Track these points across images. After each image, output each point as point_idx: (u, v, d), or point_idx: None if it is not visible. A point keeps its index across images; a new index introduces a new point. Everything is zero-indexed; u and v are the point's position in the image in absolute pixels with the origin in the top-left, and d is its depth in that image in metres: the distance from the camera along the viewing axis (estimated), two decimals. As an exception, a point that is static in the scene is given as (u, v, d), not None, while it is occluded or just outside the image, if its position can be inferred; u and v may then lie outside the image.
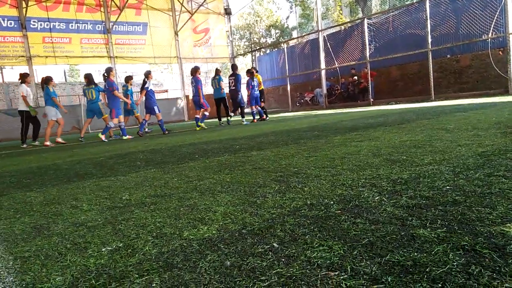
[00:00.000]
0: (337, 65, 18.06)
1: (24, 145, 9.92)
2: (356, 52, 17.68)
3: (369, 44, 15.98)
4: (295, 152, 3.69)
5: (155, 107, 10.33)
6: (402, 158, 2.81)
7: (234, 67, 12.29)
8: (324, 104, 18.43)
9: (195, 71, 11.00)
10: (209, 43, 23.63)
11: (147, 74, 10.48)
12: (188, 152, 4.70)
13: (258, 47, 34.06)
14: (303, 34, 27.95)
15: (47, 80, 9.84)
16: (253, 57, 23.43)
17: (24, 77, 9.92)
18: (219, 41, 24.09)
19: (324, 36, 18.23)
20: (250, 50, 33.31)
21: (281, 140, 5.00)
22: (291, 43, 26.52)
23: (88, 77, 10.05)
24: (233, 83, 11.86)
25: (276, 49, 27.91)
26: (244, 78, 12.58)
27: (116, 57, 20.25)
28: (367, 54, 15.57)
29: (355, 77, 17.99)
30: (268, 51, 31.16)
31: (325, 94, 18.39)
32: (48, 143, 9.82)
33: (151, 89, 10.40)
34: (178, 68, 23.45)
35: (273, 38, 40.51)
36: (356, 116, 8.54)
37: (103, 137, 9.70)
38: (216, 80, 11.73)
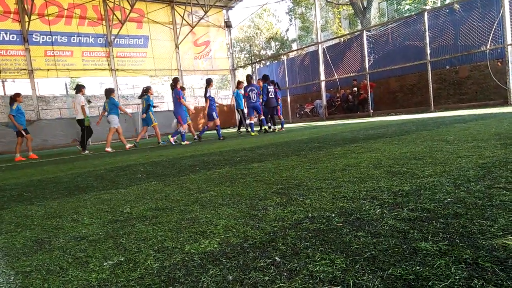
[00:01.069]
0: (336, 77, 18.10)
1: (86, 152, 10.50)
2: (356, 63, 17.69)
3: (368, 56, 16.17)
4: (296, 164, 3.63)
5: (214, 113, 10.94)
6: (403, 170, 2.77)
7: (265, 77, 12.38)
8: (324, 115, 18.49)
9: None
10: (209, 56, 23.95)
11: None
12: (188, 164, 4.66)
13: (258, 59, 34.32)
14: (303, 46, 28.26)
15: (110, 92, 10.72)
16: (253, 69, 23.55)
17: (80, 88, 10.66)
18: (219, 53, 24.41)
19: (323, 48, 18.35)
20: (250, 62, 33.16)
21: (281, 152, 4.96)
22: (291, 55, 26.82)
23: (143, 89, 11.50)
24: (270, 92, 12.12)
25: (276, 61, 28.07)
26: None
27: (117, 69, 20.43)
28: (367, 66, 15.66)
29: (355, 88, 18.06)
30: (268, 63, 31.29)
31: (325, 106, 18.47)
32: (109, 149, 10.46)
33: (212, 97, 11.08)
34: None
35: (273, 50, 40.71)
36: (356, 128, 8.48)
37: (172, 139, 10.75)
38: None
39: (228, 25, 24.41)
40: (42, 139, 10.56)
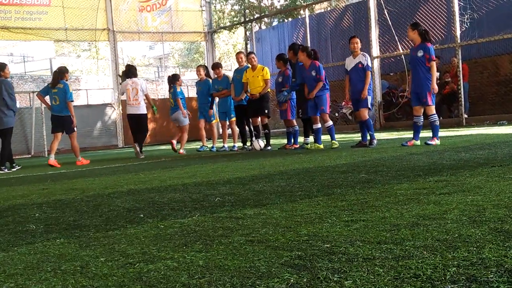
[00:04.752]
0: (401, 51, 11.64)
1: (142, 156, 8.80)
2: (437, 27, 11.72)
3: (462, 15, 10.67)
4: (325, 212, 2.53)
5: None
6: None
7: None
8: (378, 121, 12.27)
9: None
10: (167, 6, 15.65)
11: (174, 78, 9.09)
12: (125, 207, 3.23)
13: (256, 15, 21.69)
14: None
15: (174, 79, 9.04)
16: (248, 33, 16.43)
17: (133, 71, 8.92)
18: (185, 2, 16.03)
19: None
20: (242, 20, 19.86)
21: (298, 187, 3.53)
22: (317, 8, 18.95)
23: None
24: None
25: (289, 19, 19.05)
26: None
27: None
28: (457, 32, 10.36)
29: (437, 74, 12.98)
30: (275, 23, 21.72)
31: (380, 104, 12.23)
32: (183, 151, 9.04)
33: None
34: (108, 50, 15.52)
35: None
36: (437, 146, 6.23)
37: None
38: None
39: None
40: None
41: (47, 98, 8.38)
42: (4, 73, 7.73)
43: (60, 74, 8.21)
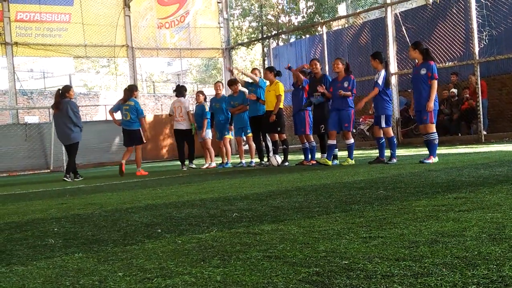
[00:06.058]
0: None
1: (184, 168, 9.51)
2: (455, 44, 11.35)
3: (480, 32, 10.33)
4: (344, 228, 2.45)
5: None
6: None
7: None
8: (396, 137, 11.98)
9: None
10: (185, 23, 15.39)
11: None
12: (143, 223, 3.19)
13: (274, 32, 21.34)
14: (358, 11, 15.94)
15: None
16: (266, 49, 15.92)
17: (183, 90, 9.55)
18: (203, 19, 15.69)
19: (396, 14, 11.92)
20: (259, 36, 20.18)
21: (316, 203, 3.47)
22: (335, 25, 18.79)
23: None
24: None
25: (307, 35, 19.08)
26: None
27: (16, 43, 13.03)
28: (476, 49, 9.99)
29: (453, 90, 11.49)
30: (292, 39, 21.33)
31: (398, 120, 11.78)
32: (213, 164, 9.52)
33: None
34: (127, 66, 15.49)
35: (303, 16, 23.38)
36: (456, 163, 6.04)
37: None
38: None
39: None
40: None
41: (118, 114, 9.11)
42: (69, 94, 8.49)
43: (130, 92, 8.92)
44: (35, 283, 1.86)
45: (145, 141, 9.15)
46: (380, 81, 6.60)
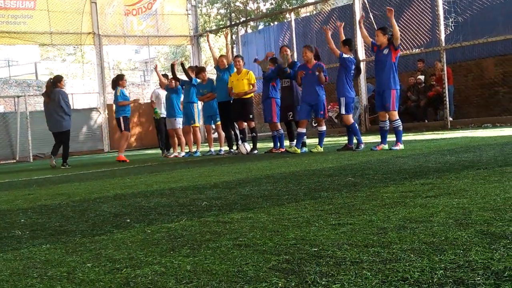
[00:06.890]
0: None
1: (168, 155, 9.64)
2: (422, 31, 11.55)
3: (446, 18, 10.50)
4: (313, 216, 2.47)
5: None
6: (510, 230, 1.87)
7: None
8: (363, 124, 12.09)
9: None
10: (153, 10, 15.36)
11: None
12: (111, 213, 3.15)
13: (242, 19, 21.62)
14: None
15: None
16: (234, 36, 16.14)
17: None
18: (171, 6, 15.70)
19: (363, 0, 12.08)
20: (228, 24, 20.89)
21: (285, 191, 3.47)
22: (303, 12, 18.79)
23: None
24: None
25: (275, 22, 19.12)
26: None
27: None
28: (442, 36, 10.23)
29: (420, 77, 11.59)
30: (261, 26, 21.56)
31: (365, 107, 12.00)
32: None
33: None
34: (94, 54, 15.35)
35: (271, 3, 23.63)
36: (423, 149, 6.04)
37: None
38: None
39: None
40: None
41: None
42: (60, 84, 8.80)
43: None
44: (2, 275, 1.84)
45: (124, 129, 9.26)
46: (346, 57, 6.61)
